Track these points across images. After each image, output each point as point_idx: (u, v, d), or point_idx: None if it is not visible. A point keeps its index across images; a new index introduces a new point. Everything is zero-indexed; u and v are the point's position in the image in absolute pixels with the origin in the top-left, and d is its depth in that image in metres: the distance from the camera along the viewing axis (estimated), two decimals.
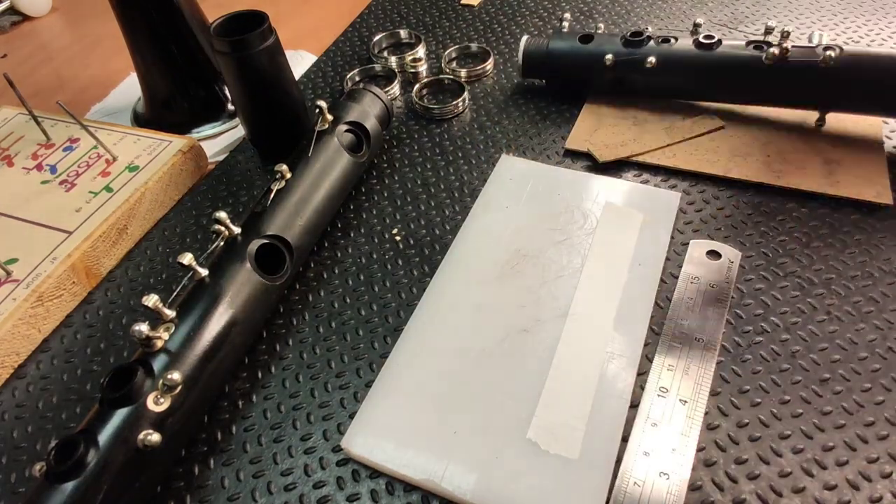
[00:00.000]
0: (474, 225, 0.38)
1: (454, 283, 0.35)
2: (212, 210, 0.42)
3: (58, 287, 0.37)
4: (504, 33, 0.55)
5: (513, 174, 0.41)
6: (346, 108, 0.41)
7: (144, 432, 0.26)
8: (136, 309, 0.37)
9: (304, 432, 0.30)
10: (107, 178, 0.43)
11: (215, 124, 0.51)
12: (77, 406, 0.33)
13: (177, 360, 0.28)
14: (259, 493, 0.28)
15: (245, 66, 0.40)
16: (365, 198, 0.42)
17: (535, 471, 0.27)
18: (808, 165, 0.39)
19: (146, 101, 0.52)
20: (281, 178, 0.36)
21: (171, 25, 0.47)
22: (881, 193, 0.36)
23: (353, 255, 0.38)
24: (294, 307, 0.36)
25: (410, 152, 0.45)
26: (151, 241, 0.42)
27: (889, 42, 0.48)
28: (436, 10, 0.59)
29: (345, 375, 0.32)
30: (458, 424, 0.29)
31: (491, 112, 0.47)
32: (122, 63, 0.59)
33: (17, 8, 0.71)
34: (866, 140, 0.40)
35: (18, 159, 0.46)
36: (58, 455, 0.25)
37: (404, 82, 0.51)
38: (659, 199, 0.38)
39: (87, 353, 0.35)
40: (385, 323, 0.34)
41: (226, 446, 0.30)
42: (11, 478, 0.30)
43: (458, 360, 0.31)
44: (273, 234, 0.34)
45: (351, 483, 0.28)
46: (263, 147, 0.46)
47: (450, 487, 0.27)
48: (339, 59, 0.55)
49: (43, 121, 0.47)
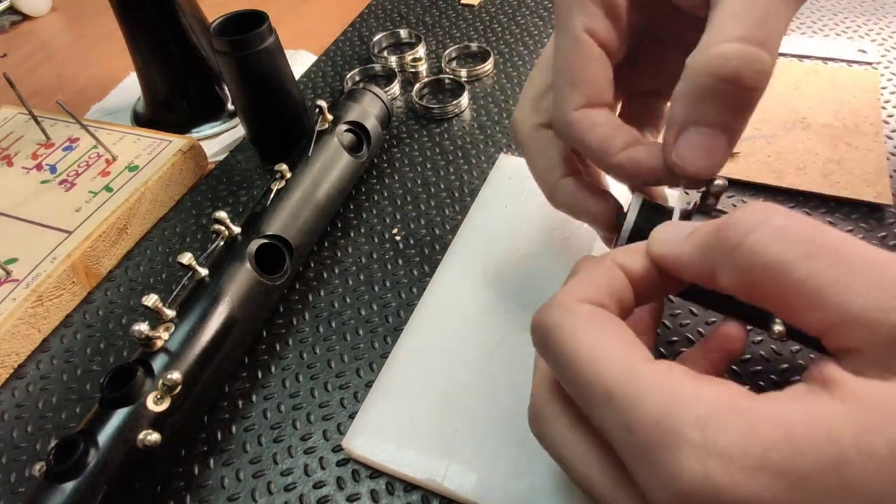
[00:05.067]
0: (474, 225, 0.38)
1: (454, 282, 0.35)
2: (212, 210, 0.42)
3: (58, 287, 0.37)
4: (504, 33, 0.55)
5: (512, 174, 0.41)
6: (346, 107, 0.41)
7: (144, 432, 0.26)
8: (136, 309, 0.37)
9: (304, 432, 0.30)
10: (107, 178, 0.43)
11: (215, 124, 0.51)
12: (77, 406, 0.33)
13: (177, 360, 0.28)
14: (259, 493, 0.28)
15: (245, 66, 0.40)
16: (365, 198, 0.42)
17: (536, 469, 0.27)
18: (808, 165, 0.39)
19: (146, 100, 0.52)
20: (281, 178, 0.36)
21: (171, 25, 0.47)
22: (881, 193, 0.36)
23: (353, 255, 0.38)
24: (294, 307, 0.36)
25: (410, 152, 0.45)
26: (151, 240, 0.41)
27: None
28: (436, 10, 0.59)
29: (345, 375, 0.32)
30: (458, 423, 0.29)
31: (491, 112, 0.47)
32: (122, 63, 0.59)
33: (17, 8, 0.71)
34: (866, 140, 0.40)
35: (18, 159, 0.46)
36: (58, 455, 0.25)
37: (404, 82, 0.51)
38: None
39: (86, 352, 0.35)
40: (385, 323, 0.34)
41: (226, 446, 0.30)
42: (11, 478, 0.30)
43: (458, 360, 0.31)
44: (273, 234, 0.34)
45: (351, 483, 0.28)
46: (263, 147, 0.46)
47: (451, 487, 0.27)
48: (339, 58, 0.55)
49: (43, 120, 0.47)
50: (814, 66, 0.46)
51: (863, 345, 0.16)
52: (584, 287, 0.21)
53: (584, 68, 0.25)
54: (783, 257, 0.17)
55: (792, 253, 0.17)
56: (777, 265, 0.17)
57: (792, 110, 0.42)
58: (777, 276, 0.17)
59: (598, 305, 0.20)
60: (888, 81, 0.44)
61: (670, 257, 0.21)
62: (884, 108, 0.42)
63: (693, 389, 0.17)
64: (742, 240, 0.18)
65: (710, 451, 0.15)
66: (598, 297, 0.20)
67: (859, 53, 0.46)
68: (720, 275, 0.19)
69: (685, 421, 0.16)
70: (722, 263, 0.19)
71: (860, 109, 0.41)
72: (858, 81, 0.44)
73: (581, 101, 0.25)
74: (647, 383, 0.17)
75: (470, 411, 0.29)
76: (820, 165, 0.38)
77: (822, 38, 0.49)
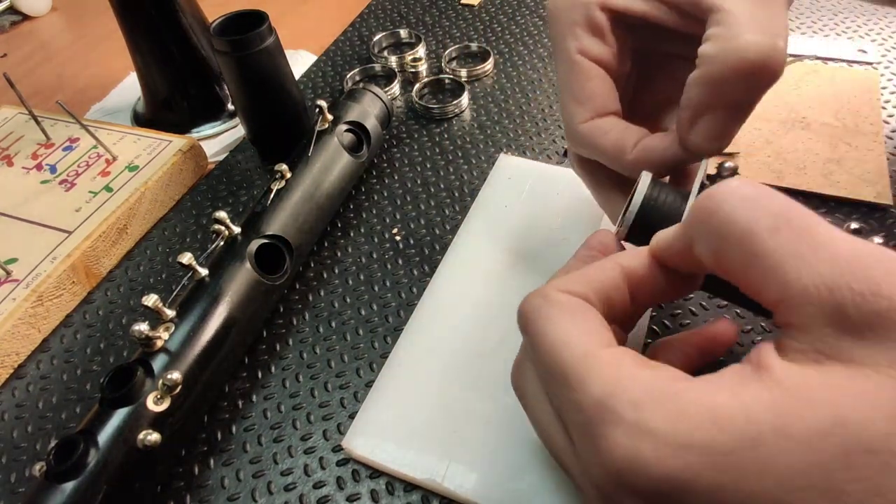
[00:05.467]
0: (474, 225, 0.38)
1: (454, 282, 0.35)
2: (212, 210, 0.42)
3: (58, 287, 0.37)
4: (504, 33, 0.55)
5: (511, 174, 0.41)
6: (346, 107, 0.41)
7: (144, 432, 0.26)
8: (136, 309, 0.37)
9: (304, 432, 0.30)
10: (107, 178, 0.43)
11: (215, 124, 0.51)
12: (77, 406, 0.33)
13: (177, 360, 0.28)
14: (259, 493, 0.28)
15: (245, 66, 0.40)
16: (365, 198, 0.42)
17: (536, 469, 0.27)
18: (808, 165, 0.39)
19: (146, 100, 0.52)
20: (281, 178, 0.36)
21: (171, 25, 0.47)
22: (881, 194, 0.36)
23: (353, 255, 0.38)
24: (294, 307, 0.36)
25: (410, 152, 0.45)
26: (151, 240, 0.41)
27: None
28: (436, 10, 0.59)
29: (345, 375, 0.32)
30: (458, 423, 0.29)
31: (491, 112, 0.47)
32: (122, 63, 0.59)
33: (17, 8, 0.71)
34: (866, 140, 0.40)
35: (18, 159, 0.46)
36: (58, 455, 0.25)
37: (404, 82, 0.51)
38: None
39: (86, 352, 0.35)
40: (385, 322, 0.34)
41: (226, 446, 0.30)
42: (11, 478, 0.30)
43: (458, 359, 0.31)
44: (273, 234, 0.34)
45: (351, 483, 0.28)
46: (263, 147, 0.46)
47: (451, 486, 0.27)
48: (339, 58, 0.55)
49: (43, 120, 0.47)
50: (814, 65, 0.46)
51: (805, 321, 0.17)
52: (570, 279, 0.22)
53: (585, 86, 0.27)
54: (750, 226, 0.18)
55: (759, 224, 0.18)
56: (743, 234, 0.18)
57: (792, 110, 0.42)
58: (742, 245, 0.18)
59: (581, 298, 0.21)
60: (888, 81, 0.44)
61: (664, 243, 0.21)
62: (884, 108, 0.42)
63: (634, 373, 0.18)
64: (716, 208, 0.19)
65: (640, 429, 0.16)
66: (581, 290, 0.21)
67: (859, 53, 0.46)
68: (696, 246, 0.20)
69: (622, 401, 0.17)
70: (698, 234, 0.19)
71: (860, 109, 0.41)
72: (858, 81, 0.44)
73: (587, 115, 0.27)
74: (597, 367, 0.18)
75: (470, 411, 0.29)
76: (820, 165, 0.38)
77: (822, 38, 0.49)
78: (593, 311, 0.21)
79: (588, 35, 0.27)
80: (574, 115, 0.27)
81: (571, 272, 0.22)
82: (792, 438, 0.15)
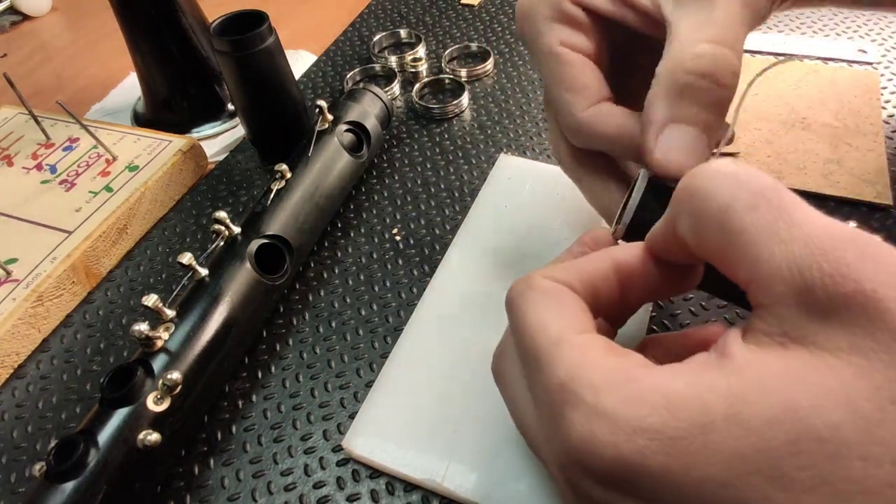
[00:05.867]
0: (474, 225, 0.38)
1: (454, 282, 0.35)
2: (212, 210, 0.42)
3: (58, 287, 0.37)
4: (504, 33, 0.55)
5: (511, 174, 0.41)
6: (346, 107, 0.41)
7: (144, 432, 0.26)
8: (136, 309, 0.37)
9: (304, 432, 0.30)
10: (107, 178, 0.43)
11: (215, 124, 0.51)
12: (77, 406, 0.33)
13: (177, 360, 0.28)
14: (259, 493, 0.28)
15: (245, 66, 0.40)
16: (365, 198, 0.42)
17: (536, 469, 0.27)
18: (809, 165, 0.39)
19: (146, 100, 0.52)
20: (281, 178, 0.36)
21: (171, 25, 0.47)
22: (881, 194, 0.36)
23: (353, 255, 0.38)
24: (294, 307, 0.36)
25: (410, 152, 0.45)
26: (151, 240, 0.42)
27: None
28: (436, 10, 0.59)
29: (345, 375, 0.32)
30: (459, 423, 0.29)
31: (491, 112, 0.47)
32: (122, 63, 0.59)
33: (17, 8, 0.71)
34: (866, 140, 0.40)
35: (18, 159, 0.46)
36: (58, 455, 0.25)
37: (404, 82, 0.51)
38: None
39: (87, 352, 0.35)
40: (385, 322, 0.34)
41: (226, 446, 0.30)
42: (11, 478, 0.30)
43: (458, 359, 0.31)
44: (273, 234, 0.34)
45: (351, 483, 0.28)
46: (263, 147, 0.46)
47: (451, 486, 0.27)
48: (339, 58, 0.55)
49: (43, 120, 0.47)
50: (814, 65, 0.46)
51: (775, 301, 0.16)
52: (556, 268, 0.22)
53: (576, 75, 0.27)
54: (728, 203, 0.18)
55: (737, 201, 0.17)
56: (720, 211, 0.18)
57: (792, 110, 0.42)
58: (720, 222, 0.18)
59: (564, 285, 0.21)
60: (888, 81, 0.44)
61: (653, 230, 0.21)
62: (884, 108, 0.42)
63: (599, 359, 0.18)
64: (697, 186, 0.19)
65: (598, 412, 0.17)
66: (565, 278, 0.21)
67: (859, 53, 0.46)
68: (678, 225, 0.19)
69: (583, 384, 0.17)
70: (680, 214, 0.19)
71: (860, 109, 0.41)
72: (858, 81, 0.44)
73: (586, 103, 0.26)
74: (567, 350, 0.19)
75: (470, 411, 0.29)
76: (820, 165, 0.38)
77: (822, 38, 0.49)
78: (574, 298, 0.21)
79: (567, 28, 0.27)
80: (572, 105, 0.27)
81: (562, 264, 0.22)
82: (742, 425, 0.15)
